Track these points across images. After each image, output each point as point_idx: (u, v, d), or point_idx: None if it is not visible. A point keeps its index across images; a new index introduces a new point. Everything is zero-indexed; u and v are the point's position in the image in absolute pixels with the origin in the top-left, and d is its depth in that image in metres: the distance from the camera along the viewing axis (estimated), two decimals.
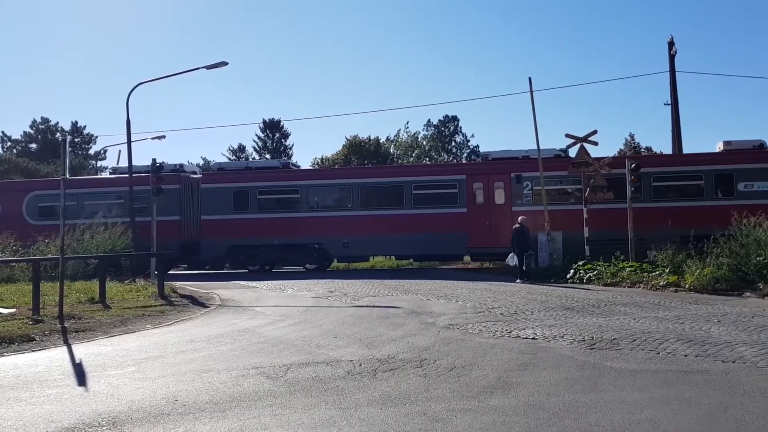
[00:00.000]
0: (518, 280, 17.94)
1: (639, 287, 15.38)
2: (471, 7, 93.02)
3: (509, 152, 23.86)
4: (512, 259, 18.57)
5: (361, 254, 24.54)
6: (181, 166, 25.99)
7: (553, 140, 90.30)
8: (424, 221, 22.94)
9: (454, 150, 59.05)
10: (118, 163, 35.45)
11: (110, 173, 29.49)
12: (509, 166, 22.95)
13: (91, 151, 65.59)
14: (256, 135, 59.63)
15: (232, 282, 19.76)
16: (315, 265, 24.32)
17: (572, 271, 17.92)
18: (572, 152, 21.47)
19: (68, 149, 11.61)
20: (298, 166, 26.64)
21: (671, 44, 28.05)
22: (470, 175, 23.52)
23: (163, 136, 36.33)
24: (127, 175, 23.64)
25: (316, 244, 24.04)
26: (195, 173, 26.43)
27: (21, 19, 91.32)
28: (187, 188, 24.77)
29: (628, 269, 16.71)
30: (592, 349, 7.69)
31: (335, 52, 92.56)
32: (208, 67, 22.97)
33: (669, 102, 28.63)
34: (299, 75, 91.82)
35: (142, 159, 47.43)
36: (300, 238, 23.75)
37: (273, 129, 59.33)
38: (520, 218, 19.26)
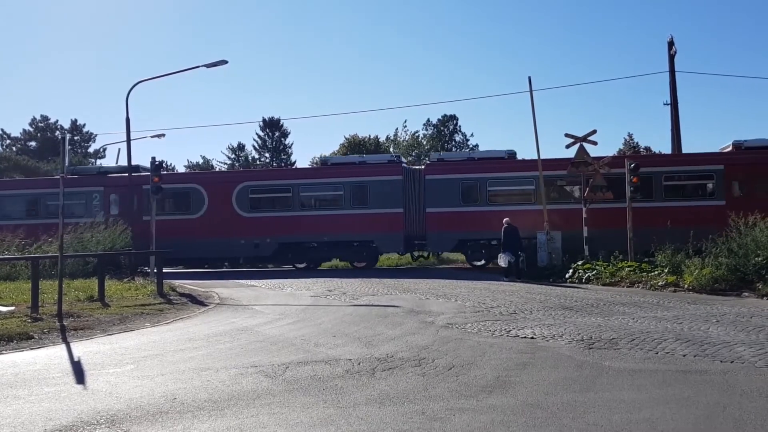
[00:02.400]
0: (505, 279, 18.27)
1: (638, 287, 15.39)
2: (471, 6, 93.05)
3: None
4: (502, 259, 18.83)
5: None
6: (399, 157, 25.36)
7: (553, 140, 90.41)
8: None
9: (454, 150, 59.05)
10: (117, 162, 35.35)
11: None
12: None
13: (91, 149, 65.56)
14: (256, 133, 59.61)
15: (231, 281, 19.76)
16: None
17: (571, 270, 17.93)
18: (572, 152, 21.38)
19: (67, 147, 11.65)
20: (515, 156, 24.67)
21: (671, 44, 28.04)
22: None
23: (163, 135, 36.30)
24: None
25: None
26: (403, 163, 25.31)
27: (20, 18, 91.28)
28: (410, 180, 23.97)
29: (626, 269, 16.71)
30: (590, 348, 7.69)
31: (335, 51, 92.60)
32: (208, 66, 22.96)
33: (668, 102, 28.63)
34: (299, 74, 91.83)
35: (141, 157, 47.47)
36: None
37: (273, 128, 59.29)
38: (505, 219, 19.47)
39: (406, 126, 57.48)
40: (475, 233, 23.08)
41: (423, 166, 24.93)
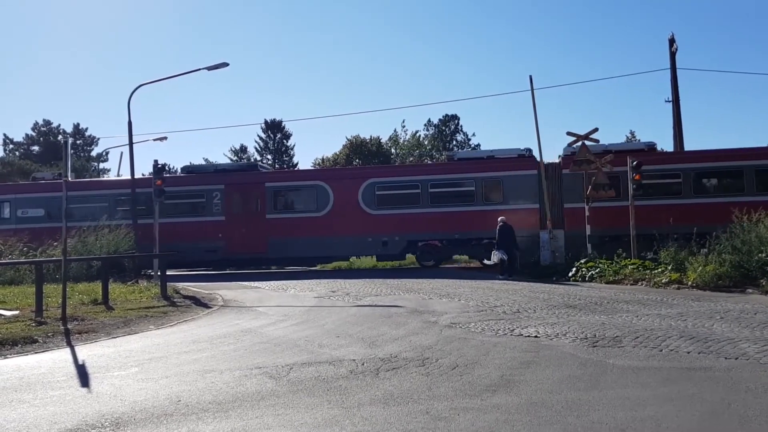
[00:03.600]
0: (500, 277, 18.42)
1: (641, 285, 15.37)
2: (471, 5, 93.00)
3: None
4: (495, 256, 19.13)
5: None
6: (530, 150, 23.64)
7: (554, 138, 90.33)
8: None
9: (455, 149, 59.02)
10: (120, 166, 35.42)
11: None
12: None
13: (93, 153, 65.74)
14: (258, 135, 59.70)
15: (235, 282, 19.77)
16: None
17: (574, 269, 17.92)
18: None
19: (70, 151, 11.65)
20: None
21: (672, 41, 28.00)
22: None
23: (165, 138, 36.45)
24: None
25: None
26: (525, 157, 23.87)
27: (22, 21, 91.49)
28: (544, 174, 23.15)
29: (630, 267, 16.70)
30: (594, 346, 7.68)
31: (335, 52, 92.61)
32: (209, 68, 22.98)
33: (670, 99, 28.60)
34: (300, 75, 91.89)
35: (143, 161, 47.43)
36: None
37: (274, 129, 59.36)
38: (500, 218, 19.60)
39: (404, 126, 57.45)
40: (617, 229, 20.85)
41: (559, 160, 23.39)
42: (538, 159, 22.51)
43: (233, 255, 24.63)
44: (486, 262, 23.57)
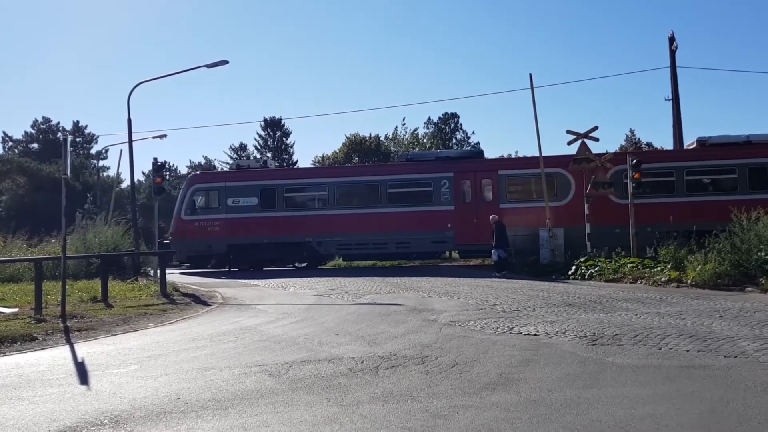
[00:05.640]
0: (496, 274, 18.68)
1: (640, 283, 15.37)
2: (471, 4, 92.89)
3: None
4: (495, 254, 19.43)
5: None
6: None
7: (554, 137, 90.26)
8: None
9: (455, 147, 58.97)
10: (119, 163, 35.40)
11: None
12: None
13: (93, 151, 65.75)
14: (257, 133, 59.75)
15: (234, 280, 19.78)
16: None
17: (574, 267, 17.92)
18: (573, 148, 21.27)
19: (69, 149, 11.63)
20: None
21: (672, 40, 27.99)
22: None
23: (164, 135, 36.36)
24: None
25: None
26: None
27: (22, 19, 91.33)
28: None
29: (629, 265, 16.70)
30: (593, 345, 7.69)
31: (335, 50, 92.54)
32: (209, 66, 22.93)
33: (670, 97, 28.64)
34: (299, 73, 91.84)
35: (143, 158, 47.30)
36: None
37: (274, 127, 59.37)
38: (492, 216, 19.73)
39: (404, 124, 57.45)
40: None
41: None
42: (539, 157, 22.39)
43: (462, 246, 23.98)
44: None
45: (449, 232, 23.44)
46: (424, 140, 57.33)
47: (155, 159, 21.65)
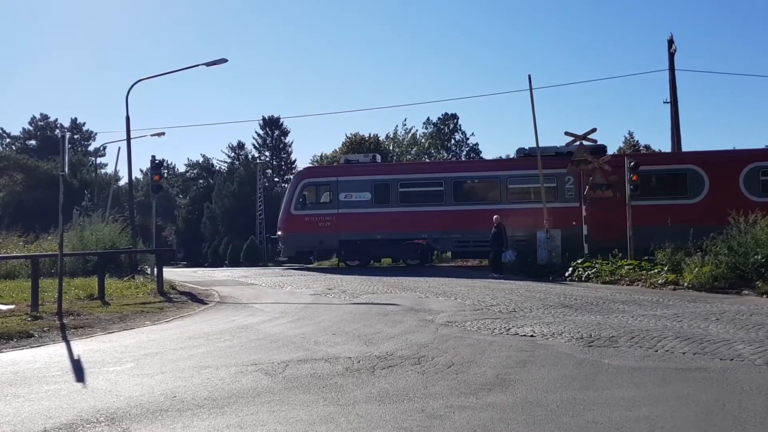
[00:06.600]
0: (494, 275, 18.64)
1: (637, 285, 15.39)
2: (471, 4, 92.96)
3: None
4: (505, 257, 19.33)
5: None
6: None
7: (554, 138, 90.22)
8: None
9: (453, 148, 59.04)
10: (117, 161, 35.33)
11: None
12: None
13: (91, 148, 65.73)
14: (256, 132, 59.71)
15: (231, 279, 19.77)
16: None
17: (571, 268, 17.94)
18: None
19: (67, 146, 11.62)
20: None
21: (671, 42, 28.01)
22: None
23: (163, 133, 36.40)
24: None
25: None
26: None
27: (20, 16, 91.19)
28: None
29: (626, 267, 16.72)
30: (590, 346, 7.69)
31: (335, 49, 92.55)
32: (208, 64, 22.94)
33: (668, 100, 28.61)
34: (299, 72, 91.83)
35: (141, 156, 47.30)
36: None
37: (272, 126, 59.36)
38: (495, 217, 19.72)
39: (405, 124, 57.51)
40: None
41: None
42: (539, 158, 22.34)
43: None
44: None
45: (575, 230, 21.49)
46: (423, 140, 57.41)
47: (153, 157, 21.69)
